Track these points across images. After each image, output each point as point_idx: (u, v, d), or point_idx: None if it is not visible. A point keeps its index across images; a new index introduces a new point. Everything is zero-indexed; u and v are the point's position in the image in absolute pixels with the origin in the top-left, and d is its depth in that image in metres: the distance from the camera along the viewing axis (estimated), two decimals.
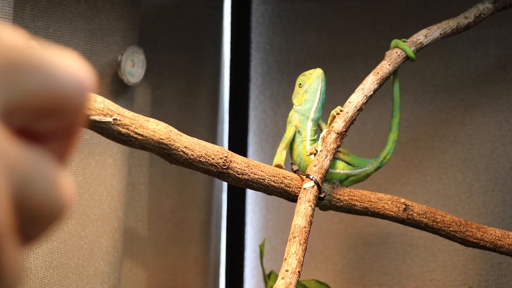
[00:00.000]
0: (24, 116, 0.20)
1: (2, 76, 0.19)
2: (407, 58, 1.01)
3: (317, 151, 0.96)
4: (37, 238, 0.20)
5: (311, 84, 1.01)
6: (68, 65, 0.20)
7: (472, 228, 1.00)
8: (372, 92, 0.99)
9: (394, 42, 1.02)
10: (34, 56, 0.19)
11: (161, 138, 0.81)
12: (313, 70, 1.03)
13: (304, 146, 1.01)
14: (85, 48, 1.06)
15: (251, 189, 0.93)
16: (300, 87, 1.02)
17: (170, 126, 0.83)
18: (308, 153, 0.98)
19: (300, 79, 1.03)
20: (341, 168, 1.01)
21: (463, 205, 1.32)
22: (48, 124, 0.21)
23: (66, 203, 0.20)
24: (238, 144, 1.47)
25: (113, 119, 0.77)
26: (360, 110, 0.98)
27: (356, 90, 0.99)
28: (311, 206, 0.89)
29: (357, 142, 1.38)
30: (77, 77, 0.20)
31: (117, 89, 1.13)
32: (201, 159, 0.86)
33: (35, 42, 0.20)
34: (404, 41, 1.02)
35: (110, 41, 1.10)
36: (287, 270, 0.82)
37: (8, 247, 0.18)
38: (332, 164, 1.01)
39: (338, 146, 0.96)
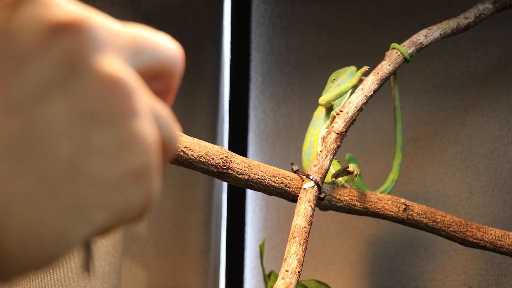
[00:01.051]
0: (143, 80, 0.28)
1: (132, 52, 0.27)
2: (405, 60, 1.02)
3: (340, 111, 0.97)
4: (163, 167, 0.29)
5: (344, 78, 1.04)
6: (167, 43, 0.29)
7: (472, 228, 1.00)
8: (372, 92, 0.99)
9: (393, 45, 1.03)
10: (147, 38, 0.28)
11: None
12: (347, 67, 1.05)
13: (318, 135, 1.03)
14: None
15: (251, 189, 0.93)
16: (333, 82, 1.05)
17: None
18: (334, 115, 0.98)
19: (334, 75, 1.06)
20: (344, 179, 1.02)
21: (463, 205, 1.32)
22: (155, 85, 0.29)
23: (178, 138, 0.29)
24: (238, 144, 1.47)
25: None
26: (360, 110, 0.98)
27: (356, 90, 1.00)
28: (311, 206, 0.89)
29: (357, 142, 1.38)
30: (174, 51, 0.29)
31: None
32: (201, 159, 0.86)
33: (143, 28, 0.29)
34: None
35: None
36: (287, 270, 0.82)
37: (158, 171, 0.27)
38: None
39: (339, 146, 0.96)
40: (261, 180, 0.92)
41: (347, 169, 0.98)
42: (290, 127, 1.45)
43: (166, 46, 0.29)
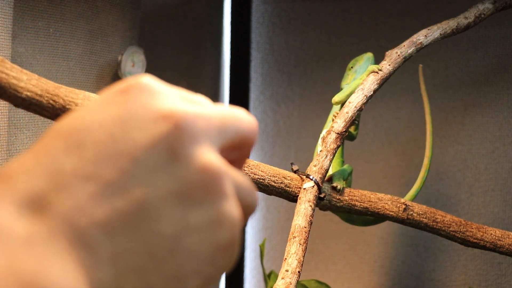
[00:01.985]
0: (225, 152, 0.32)
1: (219, 132, 0.31)
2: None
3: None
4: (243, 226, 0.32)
5: (361, 64, 1.04)
6: (246, 118, 0.33)
7: (472, 228, 1.00)
8: (372, 92, 0.99)
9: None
10: (230, 116, 0.32)
11: None
12: (364, 54, 1.06)
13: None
14: (85, 48, 1.06)
15: None
16: (350, 70, 1.06)
17: None
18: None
19: (351, 62, 1.07)
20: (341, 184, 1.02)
21: (463, 205, 1.32)
22: (234, 154, 0.33)
23: (257, 203, 0.33)
24: None
25: None
26: (360, 110, 0.98)
27: (356, 90, 1.00)
28: (311, 206, 0.89)
29: (358, 142, 1.38)
30: (252, 125, 0.33)
31: None
32: None
33: (223, 106, 0.33)
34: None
35: (110, 41, 1.10)
36: (287, 270, 0.83)
37: (240, 230, 0.31)
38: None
39: (339, 146, 0.96)
40: (261, 180, 0.92)
41: (332, 185, 0.98)
42: (290, 127, 1.45)
43: (246, 121, 0.33)
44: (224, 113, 0.32)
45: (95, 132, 0.28)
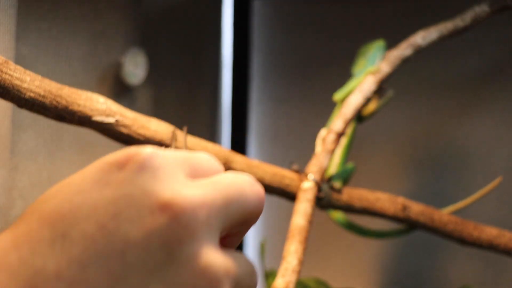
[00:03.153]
0: (229, 229, 0.29)
1: (223, 214, 0.27)
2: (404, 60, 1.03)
3: None
4: None
5: (372, 53, 1.05)
6: (250, 190, 0.29)
7: (469, 227, 1.01)
8: (370, 94, 1.00)
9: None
10: (235, 190, 0.29)
11: (162, 139, 0.82)
12: (375, 42, 1.08)
13: None
14: (88, 49, 1.07)
15: None
16: (362, 56, 1.07)
17: (172, 126, 0.84)
18: None
19: (362, 49, 1.08)
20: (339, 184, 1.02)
21: None
22: (238, 228, 0.30)
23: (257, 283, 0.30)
24: (238, 144, 1.48)
25: (115, 120, 0.78)
26: (359, 111, 0.99)
27: (355, 91, 1.00)
28: (310, 205, 0.90)
29: (357, 141, 1.39)
30: (258, 196, 0.30)
31: (119, 90, 1.14)
32: None
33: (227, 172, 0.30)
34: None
35: (112, 43, 1.12)
36: (286, 269, 0.83)
37: None
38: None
39: (338, 146, 0.97)
40: (261, 180, 0.92)
41: (331, 184, 0.99)
42: (290, 127, 1.46)
43: (251, 196, 0.30)
44: (228, 189, 0.28)
45: (85, 223, 0.25)
